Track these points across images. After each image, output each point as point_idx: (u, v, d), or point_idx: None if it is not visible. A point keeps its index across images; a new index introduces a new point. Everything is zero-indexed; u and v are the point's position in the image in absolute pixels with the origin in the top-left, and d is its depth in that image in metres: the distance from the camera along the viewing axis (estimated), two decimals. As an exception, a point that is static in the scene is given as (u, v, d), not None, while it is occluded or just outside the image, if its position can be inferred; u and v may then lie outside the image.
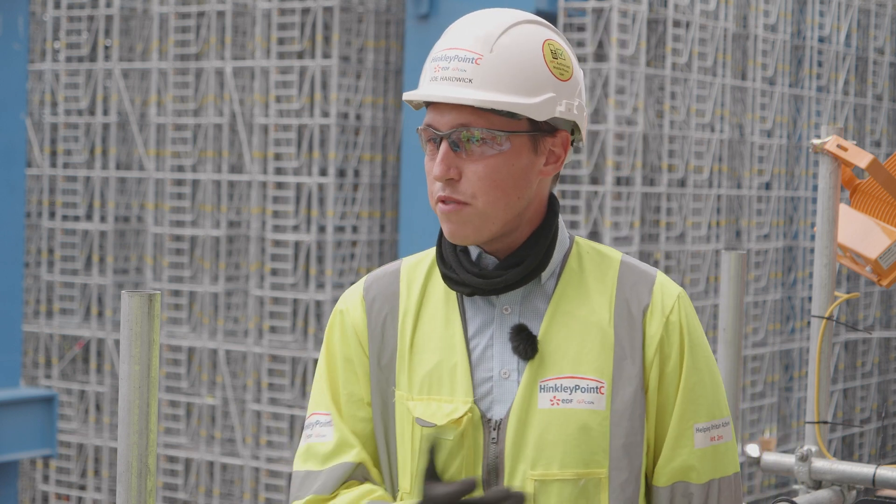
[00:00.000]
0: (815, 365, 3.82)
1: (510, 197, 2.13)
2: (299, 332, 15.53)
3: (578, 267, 2.21)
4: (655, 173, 15.74)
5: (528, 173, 2.15)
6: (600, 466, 2.13)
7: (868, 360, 19.11)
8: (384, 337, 2.22)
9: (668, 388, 2.17)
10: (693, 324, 2.20)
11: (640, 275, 2.21)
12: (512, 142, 2.13)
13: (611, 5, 14.67)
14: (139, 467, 2.10)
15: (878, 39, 19.45)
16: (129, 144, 16.97)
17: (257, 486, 15.60)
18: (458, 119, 2.12)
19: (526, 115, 2.12)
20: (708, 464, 2.18)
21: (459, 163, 2.13)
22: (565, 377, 2.14)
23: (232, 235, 16.18)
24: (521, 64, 2.12)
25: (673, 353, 2.17)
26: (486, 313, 2.19)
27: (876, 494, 3.96)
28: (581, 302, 2.18)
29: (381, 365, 2.21)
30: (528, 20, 2.17)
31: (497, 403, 2.15)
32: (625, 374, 2.15)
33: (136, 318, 2.11)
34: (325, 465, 2.20)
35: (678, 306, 2.19)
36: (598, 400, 2.13)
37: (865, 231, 4.03)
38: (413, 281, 2.25)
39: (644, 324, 2.17)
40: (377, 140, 16.01)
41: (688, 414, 2.17)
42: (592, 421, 2.13)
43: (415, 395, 2.18)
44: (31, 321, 17.22)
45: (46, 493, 17.03)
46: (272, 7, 15.63)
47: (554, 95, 2.14)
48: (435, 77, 2.14)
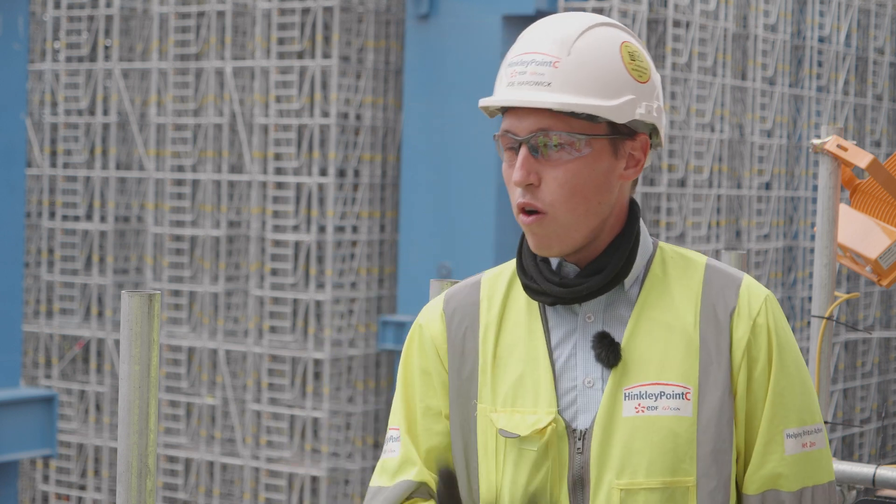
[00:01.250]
0: (815, 365, 3.82)
1: (591, 202, 2.11)
2: (299, 332, 15.53)
3: (662, 272, 2.18)
4: (655, 173, 15.74)
5: (609, 178, 2.12)
6: (688, 474, 2.09)
7: (868, 360, 19.10)
8: (465, 350, 2.20)
9: (757, 393, 2.13)
10: (781, 326, 2.16)
11: (726, 278, 2.17)
12: (592, 146, 2.10)
13: (611, 5, 14.67)
14: (139, 467, 2.10)
15: (878, 39, 19.44)
16: (129, 144, 16.96)
17: (257, 486, 15.59)
18: (537, 123, 2.09)
19: (606, 118, 2.09)
20: (800, 471, 2.13)
21: (539, 168, 2.10)
22: (650, 384, 2.11)
23: (232, 235, 16.18)
24: (600, 66, 2.10)
25: (761, 356, 2.13)
26: (569, 322, 2.16)
27: (876, 494, 3.95)
28: (665, 307, 2.14)
29: (462, 378, 2.19)
30: (604, 23, 2.15)
31: (582, 413, 2.13)
32: (711, 378, 2.11)
33: (136, 318, 2.10)
34: (392, 480, 2.20)
35: (765, 308, 2.15)
36: (685, 406, 2.10)
37: (865, 231, 4.02)
38: (494, 293, 2.22)
39: (731, 327, 2.13)
40: (377, 140, 16.00)
41: (777, 419, 2.12)
42: (679, 427, 2.09)
43: (498, 408, 2.15)
44: (31, 321, 17.21)
45: (46, 493, 17.02)
46: (272, 7, 15.63)
47: (634, 97, 2.11)
48: (512, 82, 2.11)
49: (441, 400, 2.21)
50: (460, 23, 15.24)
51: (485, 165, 15.13)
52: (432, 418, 2.21)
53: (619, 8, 14.72)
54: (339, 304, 15.55)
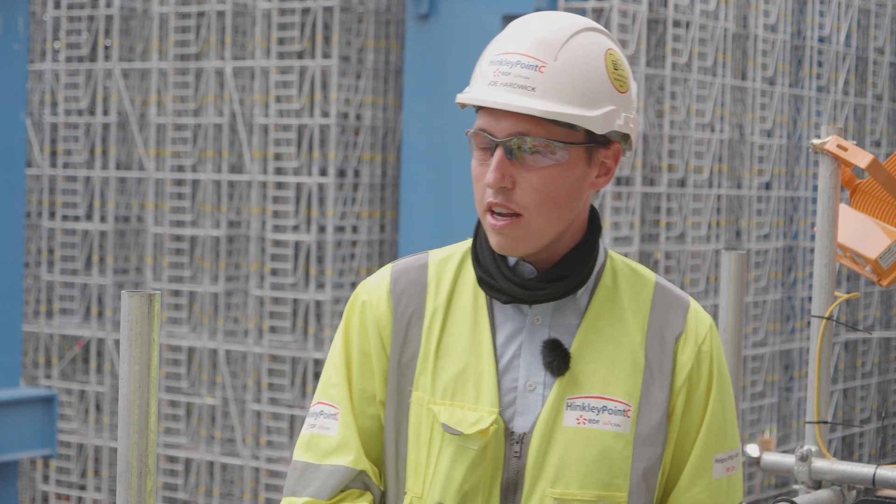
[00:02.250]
0: (815, 365, 3.82)
1: (562, 209, 2.10)
2: (299, 332, 15.53)
3: (613, 284, 2.17)
4: (655, 173, 15.74)
5: (581, 185, 2.12)
6: (620, 490, 2.10)
7: (868, 360, 19.10)
8: (408, 335, 2.18)
9: (692, 418, 2.15)
10: (720, 355, 2.19)
11: (674, 300, 2.19)
12: (569, 153, 2.09)
13: (611, 5, 14.67)
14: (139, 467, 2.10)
15: (878, 39, 19.44)
16: (129, 144, 16.97)
17: (257, 486, 15.60)
18: (516, 127, 2.07)
19: (586, 128, 2.08)
20: (722, 495, 2.17)
21: (514, 171, 2.08)
22: (594, 397, 2.11)
23: (232, 235, 16.18)
24: (585, 75, 2.08)
25: (701, 382, 2.15)
26: (516, 322, 2.15)
27: (876, 494, 3.95)
28: (614, 321, 2.15)
29: (402, 364, 2.17)
30: (590, 27, 2.13)
31: (520, 416, 2.12)
32: (652, 399, 2.13)
33: (136, 318, 2.10)
34: (324, 460, 2.16)
35: (710, 336, 2.17)
36: (625, 423, 2.11)
37: (865, 231, 4.02)
38: (442, 278, 2.20)
39: (676, 351, 2.15)
40: (377, 140, 16.00)
41: (710, 445, 2.16)
42: (617, 444, 2.10)
43: (437, 399, 2.13)
44: (31, 321, 17.21)
45: (46, 493, 17.03)
46: (272, 7, 15.63)
47: (615, 108, 2.11)
48: (495, 82, 2.08)
49: (378, 384, 2.18)
50: (460, 23, 15.24)
51: (485, 165, 15.11)
52: (366, 401, 2.18)
53: (619, 8, 14.72)
54: (339, 304, 15.55)
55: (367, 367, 2.19)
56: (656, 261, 15.54)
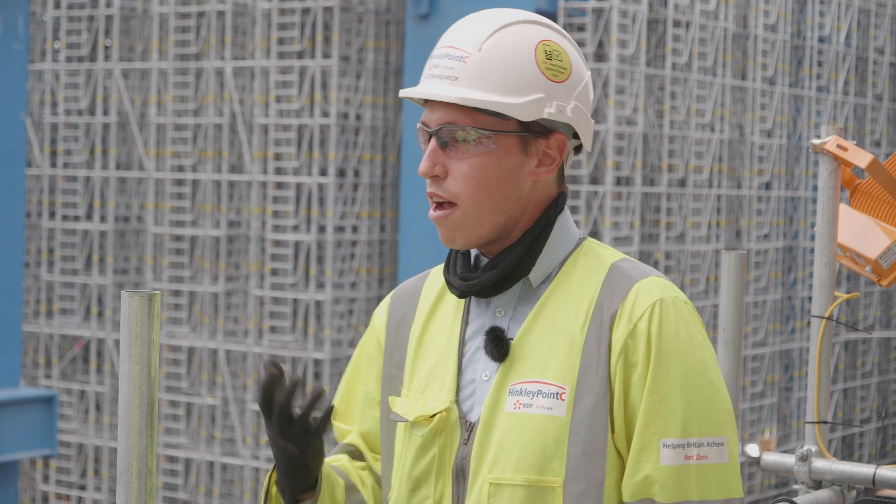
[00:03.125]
0: (815, 365, 3.82)
1: (495, 198, 2.12)
2: (299, 332, 15.53)
3: (571, 271, 2.16)
4: (655, 173, 15.74)
5: (517, 174, 2.12)
6: (555, 475, 2.07)
7: (868, 360, 19.11)
8: (398, 337, 2.25)
9: (635, 400, 2.07)
10: (670, 332, 2.07)
11: (623, 279, 2.12)
12: (499, 142, 2.11)
13: (611, 5, 14.67)
14: (139, 467, 2.10)
15: (878, 39, 19.45)
16: (129, 144, 16.97)
17: (257, 486, 15.60)
18: (445, 117, 2.12)
19: (510, 115, 2.10)
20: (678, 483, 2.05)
21: (446, 161, 2.12)
22: (530, 381, 2.11)
23: (232, 235, 16.18)
24: (508, 63, 2.10)
25: (639, 362, 2.07)
26: (483, 317, 2.18)
27: (876, 494, 3.95)
28: (562, 306, 2.13)
29: (392, 364, 2.25)
30: (526, 20, 2.15)
31: (477, 406, 2.14)
32: (588, 381, 2.08)
33: (136, 318, 2.10)
34: None
35: (650, 313, 2.08)
36: (558, 406, 2.08)
37: (865, 231, 4.02)
38: (434, 285, 2.26)
39: (611, 330, 2.09)
40: (377, 140, 16.01)
41: (652, 427, 2.06)
42: (550, 427, 2.07)
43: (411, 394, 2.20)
44: (31, 321, 17.22)
45: (46, 493, 17.03)
46: (272, 7, 15.63)
47: (542, 96, 2.11)
48: (427, 75, 2.15)
49: (375, 387, 2.28)
50: (460, 23, 15.23)
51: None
52: (368, 403, 2.28)
53: (619, 8, 14.72)
54: (339, 304, 15.55)
55: (369, 371, 2.30)
56: (656, 261, 15.55)
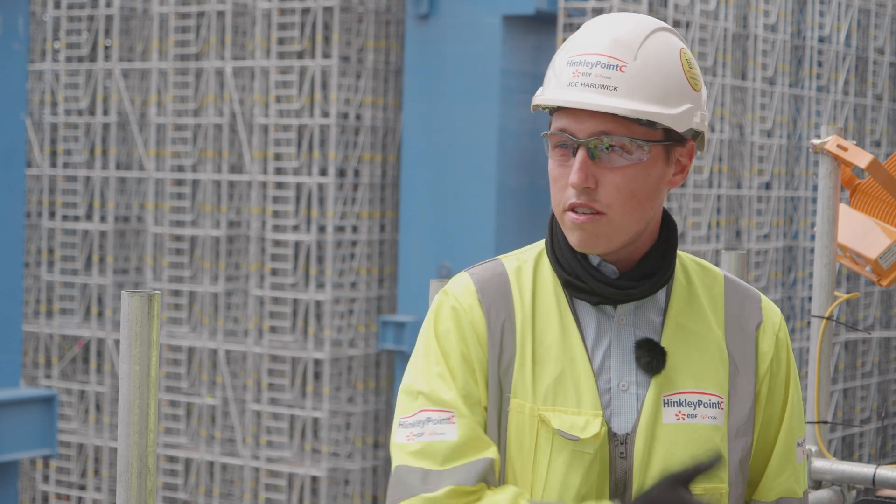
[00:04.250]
0: (815, 365, 3.82)
1: (644, 208, 2.12)
2: (299, 332, 15.53)
3: (686, 280, 2.22)
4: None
5: (661, 183, 2.14)
6: (722, 482, 2.15)
7: (868, 360, 19.10)
8: (503, 343, 2.17)
9: (776, 405, 2.22)
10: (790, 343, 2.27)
11: (745, 293, 2.25)
12: (649, 152, 2.11)
13: (611, 5, 14.67)
14: (139, 467, 2.10)
15: (878, 39, 19.44)
16: (129, 144, 16.96)
17: (257, 486, 15.59)
18: (598, 126, 2.09)
19: (666, 126, 2.10)
20: (802, 478, 2.25)
21: (596, 171, 2.10)
22: (688, 392, 2.15)
23: (232, 235, 16.18)
24: (664, 73, 2.11)
25: (781, 370, 2.22)
26: (601, 322, 2.17)
27: (876, 494, 3.95)
28: (694, 316, 2.19)
29: (500, 371, 2.16)
30: (662, 27, 2.17)
31: (616, 416, 2.13)
32: (740, 389, 2.18)
33: (136, 318, 2.10)
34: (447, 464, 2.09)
35: (783, 325, 2.25)
36: (720, 415, 2.16)
37: (865, 231, 4.03)
38: (523, 285, 2.21)
39: (757, 340, 2.21)
40: (377, 140, 16.00)
41: (794, 429, 2.23)
42: (716, 436, 2.15)
43: (540, 405, 2.13)
44: (31, 321, 17.21)
45: (46, 493, 17.02)
46: (272, 7, 15.63)
47: (692, 106, 2.13)
48: (575, 82, 2.09)
49: (482, 389, 2.16)
50: (460, 23, 15.24)
51: (485, 165, 15.13)
52: (472, 407, 2.15)
53: (619, 8, 14.72)
54: (339, 304, 15.54)
55: (469, 372, 2.16)
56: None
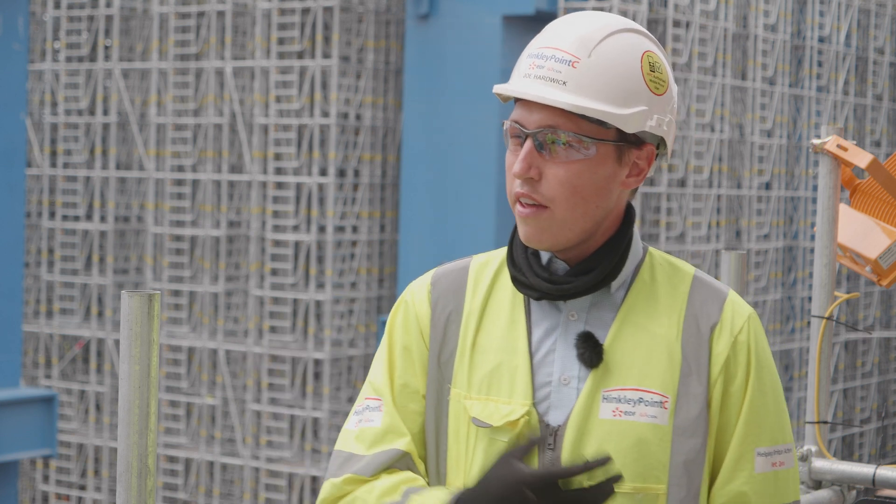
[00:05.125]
0: (815, 365, 3.82)
1: (589, 204, 2.12)
2: (299, 332, 15.53)
3: (650, 279, 2.19)
4: (655, 173, 15.73)
5: (610, 183, 2.13)
6: (659, 482, 2.11)
7: (868, 360, 19.10)
8: (447, 333, 2.21)
9: (731, 409, 2.14)
10: (762, 346, 2.17)
11: (711, 291, 2.19)
12: (598, 149, 2.11)
13: (611, 5, 14.67)
14: (139, 467, 2.10)
15: (878, 39, 19.44)
16: (129, 144, 16.96)
17: (257, 486, 15.59)
18: (546, 120, 2.10)
19: (615, 126, 2.10)
20: (768, 489, 2.15)
21: (542, 163, 2.11)
22: (630, 388, 2.12)
23: (232, 235, 16.18)
24: (618, 73, 2.11)
25: (739, 373, 2.14)
26: (552, 318, 2.17)
27: (876, 494, 3.96)
28: (650, 314, 2.16)
29: (441, 361, 2.20)
30: (631, 28, 2.16)
31: (554, 409, 2.14)
32: (690, 390, 2.13)
33: (136, 318, 2.11)
34: (370, 449, 2.18)
35: (748, 326, 2.16)
36: (662, 415, 2.11)
37: (865, 231, 4.03)
38: (480, 280, 2.23)
39: (711, 341, 2.15)
40: (377, 140, 16.00)
41: (750, 437, 2.14)
42: (654, 435, 2.11)
43: (473, 395, 2.16)
44: (31, 321, 17.21)
45: (46, 493, 17.02)
46: (272, 7, 15.63)
47: (646, 109, 2.12)
48: (529, 74, 2.12)
49: (420, 379, 2.22)
50: (460, 23, 15.24)
51: (485, 165, 15.13)
52: (409, 396, 2.22)
53: (619, 8, 14.72)
54: (339, 304, 15.55)
55: (409, 363, 2.22)
56: (656, 261, 15.53)
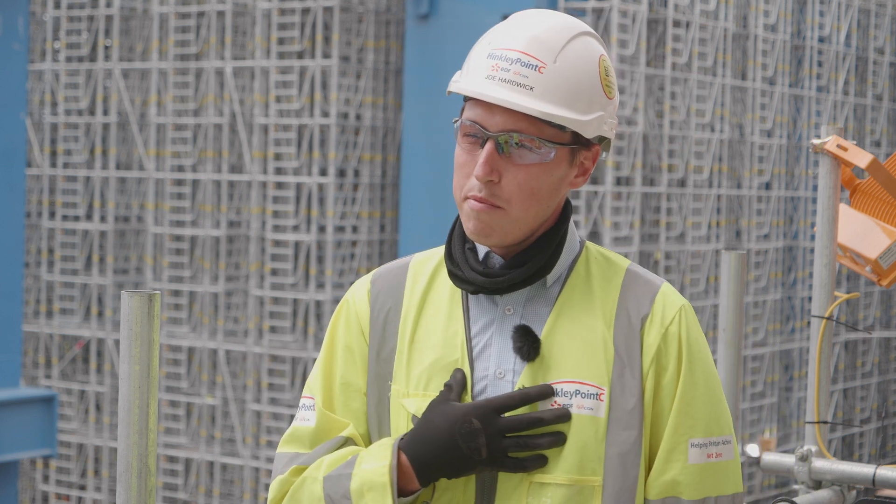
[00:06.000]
0: (815, 365, 3.82)
1: (542, 205, 2.15)
2: (299, 332, 15.53)
3: (585, 273, 2.20)
4: (655, 173, 15.73)
5: (562, 184, 2.17)
6: (595, 474, 2.11)
7: (868, 360, 19.10)
8: (385, 331, 2.23)
9: (664, 401, 2.14)
10: (694, 337, 2.17)
11: (644, 284, 2.20)
12: (555, 153, 2.13)
13: (611, 5, 14.67)
14: (139, 467, 2.10)
15: (878, 39, 19.44)
16: (129, 144, 16.96)
17: (257, 486, 15.60)
18: (510, 124, 2.11)
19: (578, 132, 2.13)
20: (703, 480, 2.15)
21: (501, 165, 2.13)
22: (566, 381, 2.12)
23: (232, 235, 16.18)
24: (581, 80, 2.13)
25: (670, 365, 2.14)
26: (489, 313, 2.18)
27: (876, 494, 3.96)
28: (584, 308, 2.17)
29: (381, 358, 2.22)
30: (586, 32, 2.18)
31: None
32: (624, 383, 2.13)
33: (136, 318, 2.11)
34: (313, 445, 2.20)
35: (679, 318, 2.17)
36: (598, 407, 2.12)
37: (865, 231, 4.03)
38: (419, 277, 2.26)
39: (642, 333, 2.15)
40: (377, 140, 16.00)
41: (682, 428, 2.14)
42: (591, 427, 2.11)
43: (411, 391, 2.17)
44: (31, 321, 17.21)
45: (46, 493, 17.02)
46: (272, 7, 15.63)
47: (603, 114, 2.16)
48: (492, 76, 2.12)
49: (361, 377, 2.23)
50: (460, 23, 15.24)
51: (485, 165, 15.10)
52: (351, 395, 2.23)
53: (619, 8, 14.72)
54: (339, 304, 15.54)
55: (350, 361, 2.24)
56: (656, 261, 15.54)
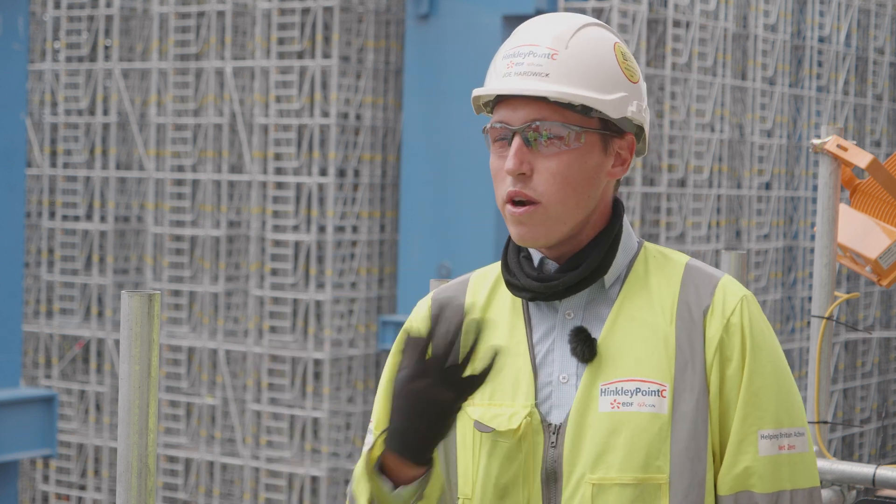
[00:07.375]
0: (815, 365, 3.82)
1: (580, 196, 2.13)
2: (299, 332, 15.53)
3: (644, 271, 2.19)
4: (655, 173, 15.73)
5: (598, 173, 2.15)
6: (661, 472, 2.09)
7: (868, 360, 19.10)
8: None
9: (730, 393, 2.11)
10: (758, 327, 2.14)
11: (704, 277, 2.18)
12: (584, 139, 2.13)
13: (611, 5, 14.67)
14: (139, 467, 2.10)
15: (878, 39, 19.44)
16: (129, 144, 16.96)
17: (257, 486, 15.59)
18: (532, 114, 2.12)
19: (601, 111, 2.13)
20: (775, 473, 2.11)
21: (531, 158, 2.12)
22: (626, 380, 2.11)
23: (232, 235, 16.18)
24: (596, 61, 2.14)
25: (734, 355, 2.12)
26: (550, 319, 2.18)
27: (876, 494, 3.96)
28: (644, 306, 2.15)
29: None
30: (597, 24, 2.20)
31: (556, 408, 2.14)
32: (687, 378, 2.11)
33: (136, 318, 2.10)
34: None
35: (740, 308, 2.14)
36: (660, 403, 2.10)
37: (865, 231, 4.03)
38: (479, 291, 2.25)
39: (704, 325, 2.13)
40: (377, 140, 16.00)
41: (751, 419, 2.11)
42: (654, 425, 2.09)
43: (476, 401, 2.17)
44: (31, 321, 17.21)
45: (46, 493, 17.02)
46: (272, 7, 15.63)
47: (626, 95, 2.16)
48: (509, 73, 2.15)
49: None
50: (460, 23, 15.24)
51: (485, 165, 15.09)
52: None
53: (619, 8, 14.72)
54: (339, 304, 15.55)
55: None
56: (656, 261, 15.53)
